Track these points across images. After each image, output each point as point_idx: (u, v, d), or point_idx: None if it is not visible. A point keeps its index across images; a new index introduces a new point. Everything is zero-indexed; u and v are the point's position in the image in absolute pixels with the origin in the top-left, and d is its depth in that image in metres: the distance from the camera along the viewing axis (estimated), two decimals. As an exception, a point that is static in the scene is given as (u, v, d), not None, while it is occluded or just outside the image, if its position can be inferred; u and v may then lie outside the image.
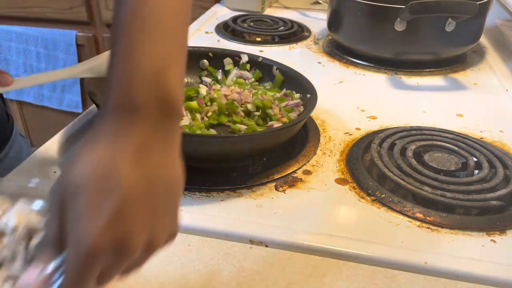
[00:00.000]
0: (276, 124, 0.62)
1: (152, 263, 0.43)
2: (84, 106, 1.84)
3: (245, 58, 0.75)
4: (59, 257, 0.29)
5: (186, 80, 0.74)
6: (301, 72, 0.70)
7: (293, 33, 1.10)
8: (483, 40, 1.08)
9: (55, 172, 0.57)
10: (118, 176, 0.29)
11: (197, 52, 0.77)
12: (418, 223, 0.51)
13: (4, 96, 0.72)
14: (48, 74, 0.54)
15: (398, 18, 0.85)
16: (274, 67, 0.73)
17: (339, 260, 0.45)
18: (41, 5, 1.64)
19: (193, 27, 1.12)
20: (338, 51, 1.00)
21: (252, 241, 0.47)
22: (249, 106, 0.66)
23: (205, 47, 0.76)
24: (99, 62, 0.56)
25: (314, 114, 0.71)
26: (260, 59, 0.74)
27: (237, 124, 0.63)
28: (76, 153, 0.30)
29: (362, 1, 0.90)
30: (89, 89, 0.58)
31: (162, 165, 0.31)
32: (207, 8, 1.29)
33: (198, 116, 0.64)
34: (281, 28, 1.12)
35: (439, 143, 0.63)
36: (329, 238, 0.47)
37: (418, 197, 0.54)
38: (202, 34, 1.09)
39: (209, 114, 0.65)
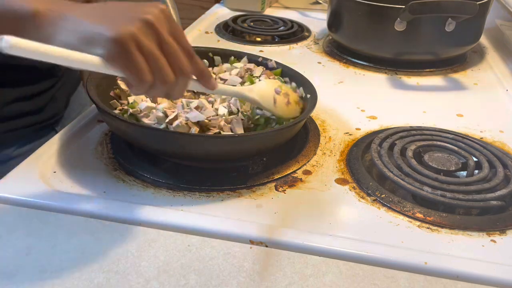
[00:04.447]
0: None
1: (152, 263, 0.44)
2: (84, 106, 1.84)
3: (245, 58, 0.75)
4: None
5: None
6: (301, 72, 0.70)
7: (293, 33, 1.10)
8: (483, 40, 1.08)
9: (55, 172, 0.57)
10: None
11: (196, 52, 0.76)
12: (418, 223, 0.51)
13: None
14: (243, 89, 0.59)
15: (398, 18, 0.85)
16: (273, 60, 0.73)
17: (339, 260, 0.45)
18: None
19: (193, 27, 1.12)
20: (338, 51, 1.00)
21: (252, 241, 0.47)
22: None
23: (205, 47, 0.76)
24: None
25: (314, 114, 0.71)
26: (260, 59, 0.74)
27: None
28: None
29: (362, 1, 0.90)
30: (89, 88, 0.58)
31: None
32: (207, 8, 1.29)
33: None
34: (281, 28, 1.12)
35: (439, 143, 0.63)
36: (329, 238, 0.47)
37: (418, 197, 0.54)
38: (202, 34, 1.09)
39: None
